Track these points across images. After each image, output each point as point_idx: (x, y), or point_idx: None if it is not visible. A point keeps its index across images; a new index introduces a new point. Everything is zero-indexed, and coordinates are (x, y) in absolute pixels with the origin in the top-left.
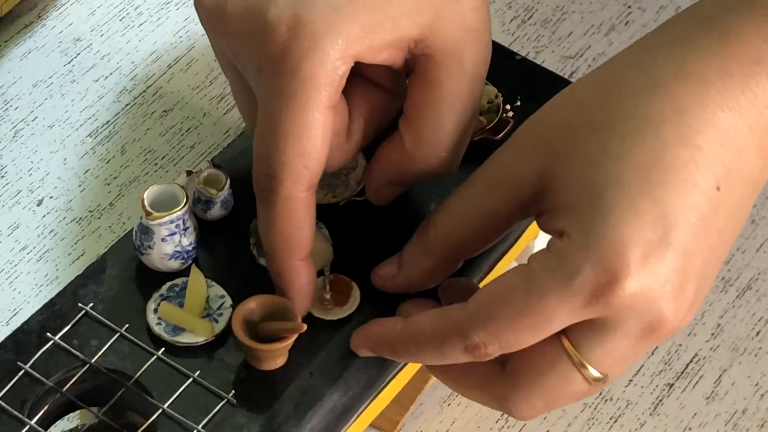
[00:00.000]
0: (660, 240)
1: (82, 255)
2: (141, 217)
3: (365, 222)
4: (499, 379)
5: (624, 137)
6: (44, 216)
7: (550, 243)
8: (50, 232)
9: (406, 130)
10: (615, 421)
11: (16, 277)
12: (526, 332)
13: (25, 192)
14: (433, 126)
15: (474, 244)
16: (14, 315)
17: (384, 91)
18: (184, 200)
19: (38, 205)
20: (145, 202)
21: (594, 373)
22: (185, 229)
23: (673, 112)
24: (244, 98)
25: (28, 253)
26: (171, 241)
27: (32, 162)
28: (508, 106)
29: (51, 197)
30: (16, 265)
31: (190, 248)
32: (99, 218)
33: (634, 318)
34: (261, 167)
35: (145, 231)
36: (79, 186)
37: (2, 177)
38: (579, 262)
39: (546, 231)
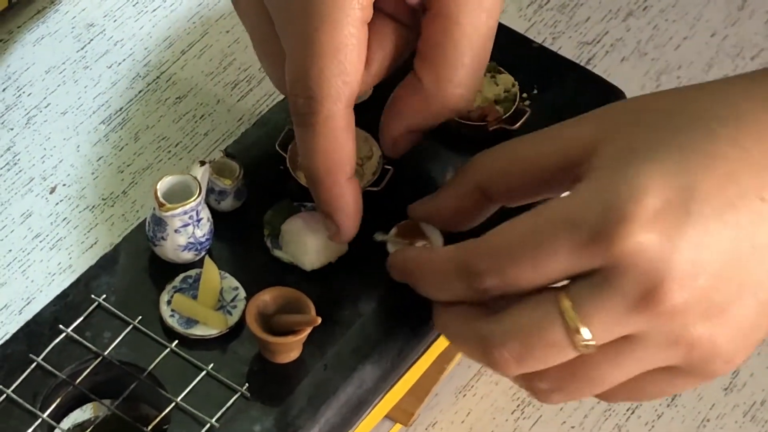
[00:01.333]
0: (680, 204)
1: (95, 243)
2: (154, 208)
3: (380, 211)
4: (487, 320)
5: (677, 132)
6: (57, 204)
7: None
8: (63, 220)
9: (423, 67)
10: (632, 413)
11: (29, 266)
12: (527, 267)
13: (38, 179)
14: (452, 62)
15: (511, 190)
16: (27, 304)
17: (402, 26)
18: (198, 191)
19: (51, 192)
20: (158, 194)
21: (585, 335)
22: (198, 221)
23: (734, 131)
24: (269, 41)
25: (41, 242)
26: (184, 232)
27: (45, 149)
28: (525, 95)
29: (64, 185)
30: (29, 254)
31: (203, 240)
32: (112, 206)
33: (633, 276)
34: (298, 89)
35: (158, 222)
36: (92, 173)
37: (15, 164)
38: (591, 198)
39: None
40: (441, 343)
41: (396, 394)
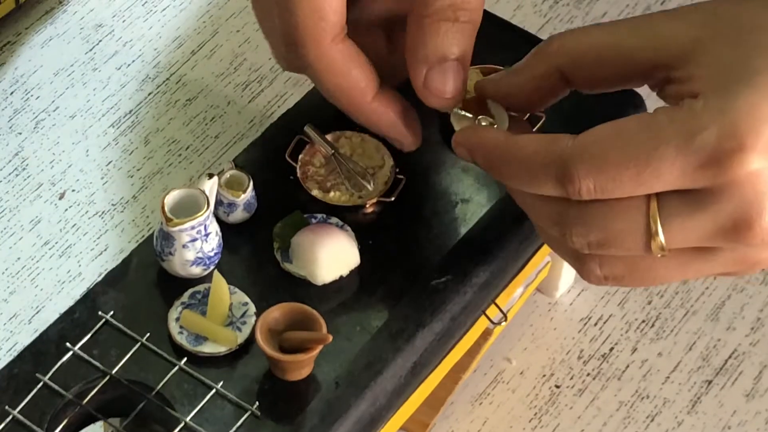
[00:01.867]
0: None
1: (105, 250)
2: (161, 223)
3: (392, 223)
4: (569, 203)
5: None
6: (66, 210)
7: (683, 102)
8: (72, 226)
9: None
10: (652, 420)
11: (38, 274)
12: (629, 181)
13: (46, 185)
14: None
15: (594, 79)
16: (36, 313)
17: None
18: (206, 205)
19: (60, 198)
20: (166, 208)
21: (661, 236)
22: (206, 235)
23: None
24: (269, 16)
25: (50, 249)
26: (192, 247)
27: (54, 154)
28: None
29: (73, 190)
30: (38, 261)
31: (212, 254)
32: (122, 212)
33: (734, 203)
34: (287, 44)
35: (166, 237)
36: (102, 178)
37: (24, 170)
38: (708, 121)
39: (675, 97)
40: (456, 354)
41: (410, 406)
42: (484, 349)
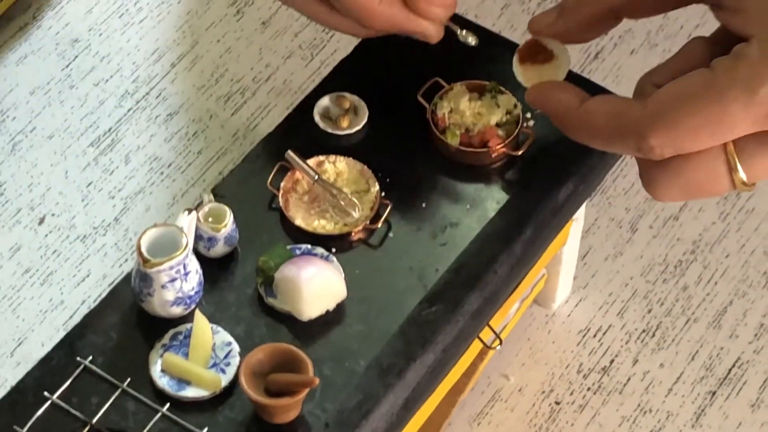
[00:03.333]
0: None
1: (88, 276)
2: (138, 263)
3: (380, 251)
4: (649, 164)
5: None
6: (46, 235)
7: (736, 49)
8: (53, 252)
9: None
10: None
11: (20, 304)
12: (706, 140)
13: (25, 210)
14: None
15: (645, 12)
16: (19, 345)
17: None
18: (184, 244)
19: (40, 223)
20: (142, 248)
21: (743, 176)
22: (186, 274)
23: None
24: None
25: (31, 277)
26: (172, 287)
27: (32, 177)
28: (528, 114)
29: (53, 214)
30: (18, 291)
31: (192, 293)
32: (104, 235)
33: None
34: None
35: (144, 277)
36: (82, 201)
37: (1, 195)
38: (767, 71)
39: (728, 26)
40: (452, 378)
41: None
42: (481, 369)
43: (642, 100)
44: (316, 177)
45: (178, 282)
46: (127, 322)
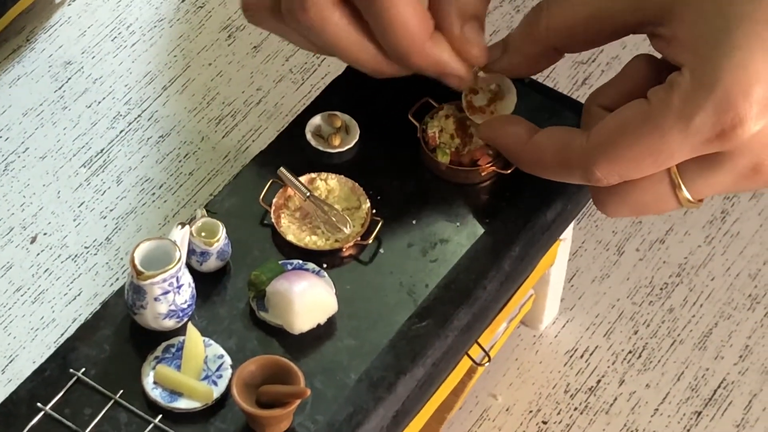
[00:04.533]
0: None
1: (79, 295)
2: (131, 276)
3: (370, 267)
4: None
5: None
6: (38, 254)
7: (670, 78)
8: (45, 271)
9: None
10: None
11: (11, 321)
12: (648, 168)
13: (17, 229)
14: None
15: (580, 42)
16: (10, 362)
17: None
18: (177, 257)
19: (32, 242)
20: (135, 261)
21: (687, 195)
22: (179, 287)
23: None
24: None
25: (22, 295)
26: (164, 300)
27: (24, 197)
28: None
29: (45, 234)
30: (9, 309)
31: (185, 306)
32: (95, 254)
33: (747, 157)
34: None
35: (137, 290)
36: (74, 221)
37: None
38: (701, 101)
39: (663, 55)
40: (440, 395)
41: None
42: (469, 387)
43: (585, 133)
44: (308, 194)
45: (171, 295)
46: (120, 335)
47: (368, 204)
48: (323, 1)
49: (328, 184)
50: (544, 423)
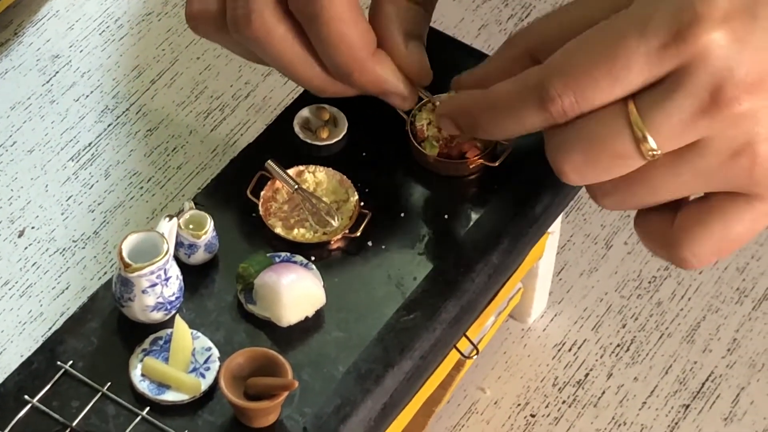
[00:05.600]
0: (746, 8)
1: (67, 288)
2: (119, 268)
3: (358, 259)
4: (553, 132)
5: None
6: (26, 248)
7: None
8: (33, 264)
9: None
10: None
11: None
12: (604, 81)
13: (5, 223)
14: None
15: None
16: None
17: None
18: (165, 249)
19: (19, 236)
20: (123, 253)
21: (644, 130)
22: (167, 279)
23: None
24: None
25: (9, 289)
26: (152, 292)
27: (12, 190)
28: None
29: (32, 227)
30: None
31: (173, 298)
32: (83, 248)
33: (703, 75)
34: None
35: (125, 282)
36: (62, 214)
37: None
38: (659, 4)
39: None
40: (428, 388)
41: None
42: (457, 381)
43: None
44: (296, 186)
45: (159, 287)
46: (107, 327)
47: (356, 196)
48: (268, 14)
49: (316, 177)
50: (533, 416)
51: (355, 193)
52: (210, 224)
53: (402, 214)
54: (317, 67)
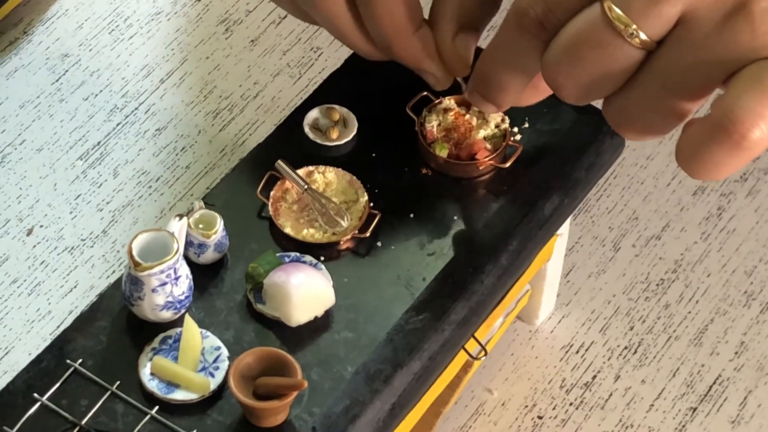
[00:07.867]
0: None
1: (75, 287)
2: (129, 267)
3: (368, 260)
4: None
5: None
6: (34, 246)
7: None
8: (41, 263)
9: None
10: None
11: (7, 313)
12: None
13: (14, 221)
14: None
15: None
16: (6, 354)
17: None
18: (175, 248)
19: (28, 234)
20: (133, 252)
21: (639, 34)
22: (176, 278)
23: None
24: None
25: (18, 287)
26: (162, 291)
27: (21, 189)
28: (515, 129)
29: (41, 226)
30: (5, 300)
31: (182, 298)
32: (92, 247)
33: None
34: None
35: (134, 281)
36: (71, 213)
37: None
38: None
39: None
40: (436, 389)
41: None
42: (465, 382)
43: None
44: (306, 186)
45: (169, 286)
46: (116, 326)
47: (366, 197)
48: None
49: (326, 177)
50: (540, 418)
51: (365, 193)
52: (220, 224)
53: (411, 215)
54: (365, 34)
